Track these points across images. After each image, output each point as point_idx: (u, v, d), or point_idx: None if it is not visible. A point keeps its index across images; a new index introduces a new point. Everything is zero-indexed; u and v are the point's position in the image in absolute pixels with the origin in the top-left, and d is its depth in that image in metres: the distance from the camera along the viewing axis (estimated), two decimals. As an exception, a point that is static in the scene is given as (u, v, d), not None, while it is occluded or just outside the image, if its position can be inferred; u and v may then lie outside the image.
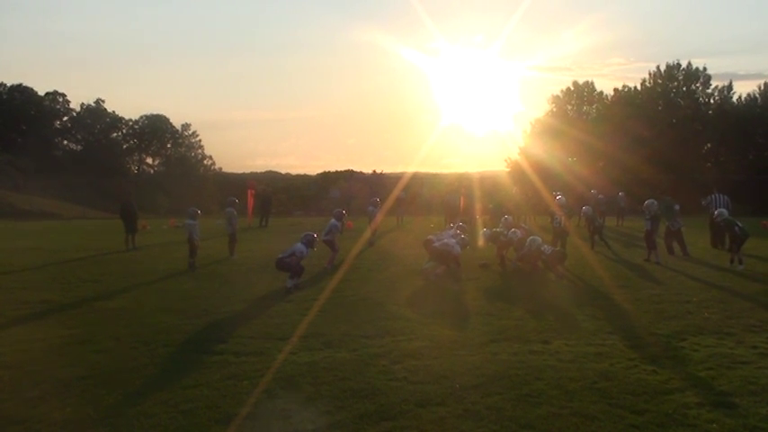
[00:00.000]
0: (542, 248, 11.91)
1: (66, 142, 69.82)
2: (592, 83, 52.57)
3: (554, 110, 52.45)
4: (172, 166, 70.15)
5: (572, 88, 52.66)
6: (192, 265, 12.85)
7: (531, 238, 12.37)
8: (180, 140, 73.35)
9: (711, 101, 48.03)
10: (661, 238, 14.57)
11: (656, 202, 13.88)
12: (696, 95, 47.67)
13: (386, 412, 4.75)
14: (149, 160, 73.66)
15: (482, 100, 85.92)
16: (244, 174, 66.01)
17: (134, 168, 72.01)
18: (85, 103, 69.39)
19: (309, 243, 10.46)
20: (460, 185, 30.95)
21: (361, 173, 46.23)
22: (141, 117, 71.22)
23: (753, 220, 21.19)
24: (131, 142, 72.27)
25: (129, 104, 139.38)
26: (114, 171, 59.99)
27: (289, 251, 10.33)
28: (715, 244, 15.97)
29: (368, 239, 17.87)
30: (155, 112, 71.58)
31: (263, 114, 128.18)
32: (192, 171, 69.62)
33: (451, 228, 14.32)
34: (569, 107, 52.51)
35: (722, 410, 4.76)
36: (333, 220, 13.61)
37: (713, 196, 16.06)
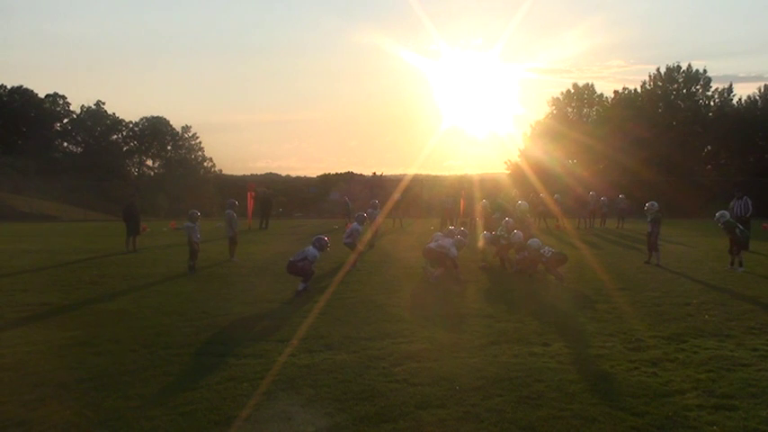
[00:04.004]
0: (542, 251, 11.91)
1: (66, 144, 69.95)
2: (592, 85, 52.78)
3: (554, 112, 52.56)
4: (172, 168, 70.20)
5: (572, 90, 52.81)
6: (191, 268, 12.84)
7: (531, 240, 12.37)
8: (180, 142, 73.44)
9: (711, 103, 48.09)
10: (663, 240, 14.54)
11: (656, 204, 13.84)
12: (696, 98, 47.73)
13: (386, 414, 4.74)
14: (149, 162, 73.80)
15: (483, 102, 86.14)
16: (244, 176, 66.13)
17: (134, 170, 72.06)
18: (86, 105, 69.67)
19: (321, 247, 10.41)
20: (460, 188, 31.00)
21: (360, 175, 46.38)
22: (141, 119, 71.46)
23: (753, 222, 21.15)
24: (131, 144, 72.34)
25: (129, 106, 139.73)
26: (114, 173, 60.06)
27: (300, 255, 10.26)
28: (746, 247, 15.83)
29: (368, 241, 17.87)
30: (155, 114, 71.83)
31: (264, 116, 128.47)
32: (192, 173, 69.69)
33: (451, 229, 14.31)
34: (569, 109, 52.62)
35: (723, 413, 4.75)
36: (355, 224, 13.67)
37: (738, 202, 16.30)
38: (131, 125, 71.16)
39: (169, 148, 73.08)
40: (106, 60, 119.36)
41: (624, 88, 50.92)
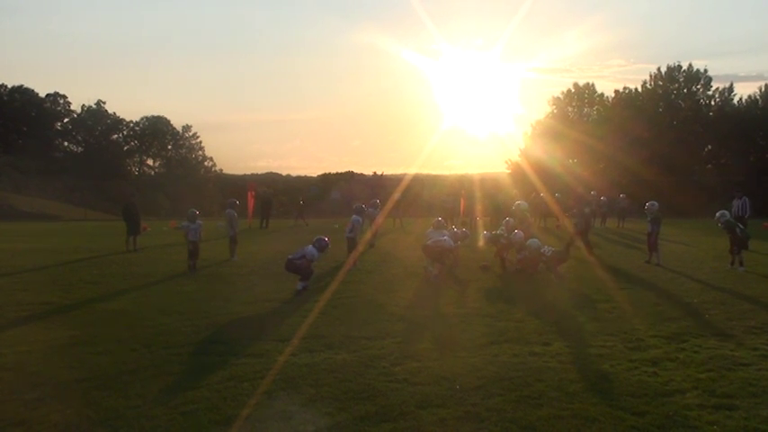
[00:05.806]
0: (542, 250, 11.91)
1: (66, 144, 69.97)
2: (592, 84, 52.76)
3: (554, 112, 52.54)
4: (172, 167, 70.21)
5: (572, 90, 52.79)
6: (192, 267, 12.84)
7: (530, 240, 12.38)
8: (181, 142, 73.42)
9: (712, 102, 48.10)
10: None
11: (656, 204, 13.81)
12: (697, 97, 47.73)
13: (386, 414, 4.74)
14: (150, 162, 73.81)
15: (483, 102, 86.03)
16: (245, 175, 66.06)
17: (135, 170, 72.07)
18: (86, 104, 69.57)
19: (321, 248, 10.38)
20: (461, 187, 31.02)
21: (361, 174, 46.42)
22: (142, 118, 71.43)
23: (754, 221, 21.15)
24: (132, 144, 72.33)
25: (129, 106, 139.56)
26: (115, 173, 60.07)
27: (299, 253, 10.24)
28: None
29: (368, 241, 17.87)
30: (155, 114, 71.80)
31: (265, 116, 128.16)
32: (192, 173, 69.67)
33: (439, 220, 14.27)
34: (570, 109, 52.59)
35: (723, 412, 4.75)
36: (354, 216, 13.60)
37: (738, 201, 16.30)
38: (132, 124, 71.16)
39: (170, 147, 73.06)
40: (106, 60, 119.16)
41: (625, 88, 51.00)
